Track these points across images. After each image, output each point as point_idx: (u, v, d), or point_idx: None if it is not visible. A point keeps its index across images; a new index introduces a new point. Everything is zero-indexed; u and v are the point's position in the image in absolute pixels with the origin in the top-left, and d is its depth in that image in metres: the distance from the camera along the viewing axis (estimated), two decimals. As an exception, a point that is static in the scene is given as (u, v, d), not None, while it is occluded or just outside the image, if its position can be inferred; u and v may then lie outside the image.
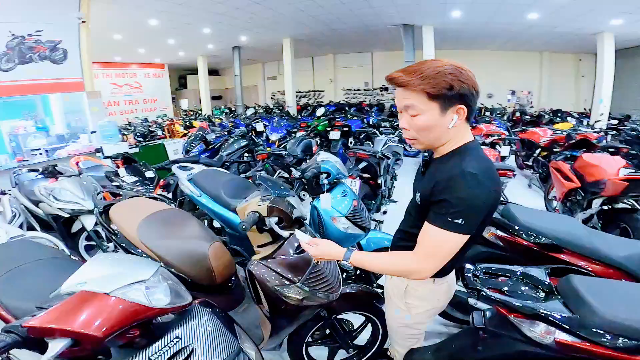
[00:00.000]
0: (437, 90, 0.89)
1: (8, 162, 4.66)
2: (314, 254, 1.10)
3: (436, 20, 8.45)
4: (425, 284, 1.11)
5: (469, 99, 0.92)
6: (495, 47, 11.62)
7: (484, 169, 0.92)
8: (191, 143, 5.88)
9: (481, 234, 1.09)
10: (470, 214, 0.89)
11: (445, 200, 0.90)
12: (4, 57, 4.71)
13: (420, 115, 0.93)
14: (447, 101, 0.91)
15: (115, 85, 13.82)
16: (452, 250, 0.94)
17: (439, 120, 0.93)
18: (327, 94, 15.44)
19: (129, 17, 7.75)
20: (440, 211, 0.91)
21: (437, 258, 0.94)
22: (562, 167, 3.55)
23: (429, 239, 0.94)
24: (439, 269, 0.99)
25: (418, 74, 0.89)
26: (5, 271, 1.40)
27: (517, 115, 9.83)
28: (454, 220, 0.89)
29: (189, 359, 0.90)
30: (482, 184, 0.89)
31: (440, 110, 0.92)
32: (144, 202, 2.14)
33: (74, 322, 0.75)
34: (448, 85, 0.88)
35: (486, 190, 0.90)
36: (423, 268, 0.95)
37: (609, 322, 0.89)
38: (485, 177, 0.91)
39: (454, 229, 0.90)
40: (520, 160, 6.00)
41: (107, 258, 0.95)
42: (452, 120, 0.93)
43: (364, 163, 3.42)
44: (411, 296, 1.15)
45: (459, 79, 0.89)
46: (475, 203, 0.89)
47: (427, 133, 0.96)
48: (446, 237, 0.91)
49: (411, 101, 0.93)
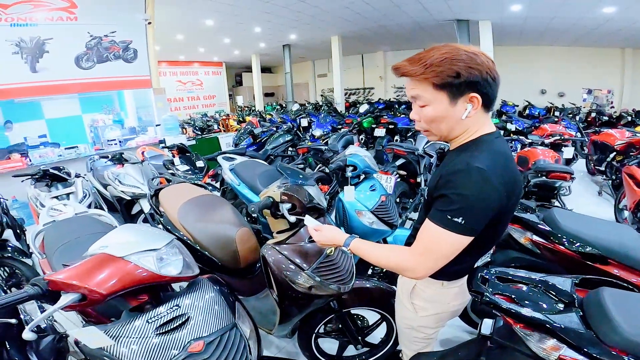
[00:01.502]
0: (442, 79, 0.82)
1: (87, 150, 5.34)
2: (317, 238, 1.09)
3: (493, 15, 7.84)
4: (433, 285, 1.04)
5: (482, 86, 0.82)
6: (567, 43, 10.42)
7: (496, 164, 0.83)
8: (240, 137, 6.20)
9: (498, 238, 0.99)
10: (472, 213, 0.80)
11: (445, 195, 0.83)
12: (84, 56, 5.32)
13: (428, 106, 0.87)
14: (456, 90, 0.83)
15: (180, 83, 14.99)
16: (450, 252, 0.85)
17: (449, 110, 0.85)
18: (377, 91, 15.18)
19: (187, 17, 8.33)
20: (440, 207, 0.84)
21: (432, 258, 0.86)
22: (635, 173, 3.11)
23: (426, 235, 0.87)
24: (446, 271, 0.92)
25: (422, 62, 0.83)
26: (66, 241, 1.64)
27: (592, 116, 8.74)
28: (453, 218, 0.81)
29: (183, 325, 0.98)
30: (489, 181, 0.80)
31: (450, 100, 0.84)
32: (187, 188, 2.33)
33: (85, 279, 0.86)
34: (454, 72, 0.80)
35: (493, 188, 0.80)
36: (416, 266, 0.88)
37: (631, 342, 0.76)
38: (495, 173, 0.81)
39: (453, 228, 0.82)
40: (591, 164, 5.36)
41: (130, 228, 1.07)
42: (466, 110, 0.84)
43: (402, 160, 3.32)
44: (418, 297, 1.09)
45: (468, 65, 0.80)
46: (478, 202, 0.80)
47: (437, 124, 0.89)
48: (444, 236, 0.83)
49: (417, 91, 0.87)
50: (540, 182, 2.98)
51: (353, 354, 1.76)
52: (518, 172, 0.91)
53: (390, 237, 2.12)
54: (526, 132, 6.11)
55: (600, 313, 0.83)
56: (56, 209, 2.08)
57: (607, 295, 0.87)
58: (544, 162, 3.20)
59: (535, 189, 3.05)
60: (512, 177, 0.87)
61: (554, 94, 11.51)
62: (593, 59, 10.70)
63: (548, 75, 11.44)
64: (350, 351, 1.75)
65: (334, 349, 1.78)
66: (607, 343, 0.78)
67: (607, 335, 0.79)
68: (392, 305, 1.60)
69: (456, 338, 1.94)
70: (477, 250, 0.95)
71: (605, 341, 0.79)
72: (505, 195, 0.84)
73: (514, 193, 0.88)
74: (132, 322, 0.95)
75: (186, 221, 1.90)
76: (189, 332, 0.97)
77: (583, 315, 0.85)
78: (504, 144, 0.92)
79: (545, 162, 3.22)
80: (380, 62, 14.57)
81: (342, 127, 7.04)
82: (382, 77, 14.77)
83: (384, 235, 2.07)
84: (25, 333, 0.85)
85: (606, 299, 0.85)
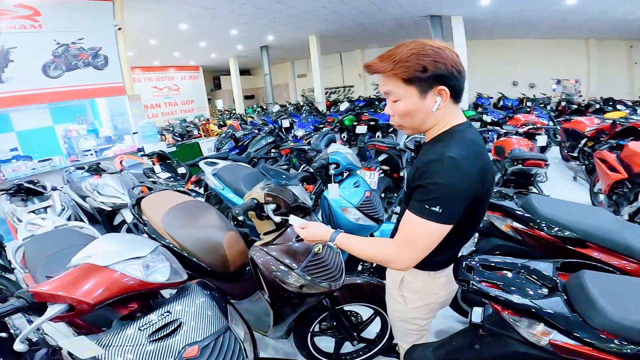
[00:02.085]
0: (410, 74, 0.85)
1: (62, 162, 5.14)
2: (303, 235, 1.10)
3: (464, 9, 8.06)
4: (420, 276, 1.06)
5: (449, 79, 0.86)
6: (536, 36, 10.84)
7: (468, 152, 0.86)
8: (222, 141, 6.13)
9: (477, 225, 1.02)
10: (449, 201, 0.84)
11: (422, 186, 0.86)
12: (51, 64, 5.12)
13: (400, 101, 0.91)
14: (425, 84, 0.86)
15: (156, 89, 14.66)
16: (431, 241, 0.88)
17: (419, 104, 0.89)
18: (357, 89, 15.30)
19: (160, 22, 8.15)
20: (418, 198, 0.87)
21: (414, 248, 0.89)
22: (607, 157, 3.26)
23: (406, 226, 0.89)
24: (431, 262, 0.96)
25: (392, 58, 0.86)
26: (48, 254, 1.59)
27: (562, 105, 9.11)
28: (431, 207, 0.84)
29: (176, 331, 0.97)
30: (462, 169, 0.83)
31: (419, 94, 0.88)
32: (170, 195, 2.28)
33: (71, 289, 0.85)
34: (421, 67, 0.84)
35: (466, 176, 0.84)
36: (399, 257, 0.90)
37: (615, 324, 0.79)
38: (468, 161, 0.84)
39: (432, 217, 0.84)
40: (564, 151, 5.58)
41: (113, 237, 1.05)
42: (436, 102, 0.88)
43: (385, 155, 3.37)
44: (406, 289, 1.10)
45: (433, 60, 0.84)
46: (453, 190, 0.83)
47: (410, 118, 0.92)
48: (424, 225, 0.85)
49: (389, 87, 0.90)
50: (517, 170, 3.08)
51: (350, 351, 1.78)
52: (489, 159, 0.95)
53: (377, 232, 2.15)
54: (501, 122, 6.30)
55: (583, 296, 0.86)
56: (34, 223, 2.01)
57: (588, 278, 0.90)
58: (519, 151, 3.31)
59: (513, 177, 3.15)
60: (484, 163, 0.90)
61: (525, 85, 11.94)
62: (560, 50, 11.17)
63: (519, 68, 11.85)
64: (347, 348, 1.77)
65: (330, 347, 1.79)
66: (593, 325, 0.81)
67: (592, 318, 0.82)
68: (384, 299, 1.64)
69: (449, 328, 1.99)
70: (458, 239, 0.99)
71: (590, 324, 0.81)
72: (479, 181, 0.87)
73: (487, 179, 0.92)
74: (124, 331, 0.94)
75: (171, 228, 1.87)
76: (182, 338, 0.97)
77: (567, 299, 0.88)
78: (475, 133, 0.95)
79: (520, 150, 3.34)
80: (358, 61, 14.68)
81: (324, 126, 7.07)
82: (361, 75, 14.90)
83: (371, 231, 2.09)
84: (16, 345, 0.84)
85: (588, 282, 0.88)
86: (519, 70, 11.92)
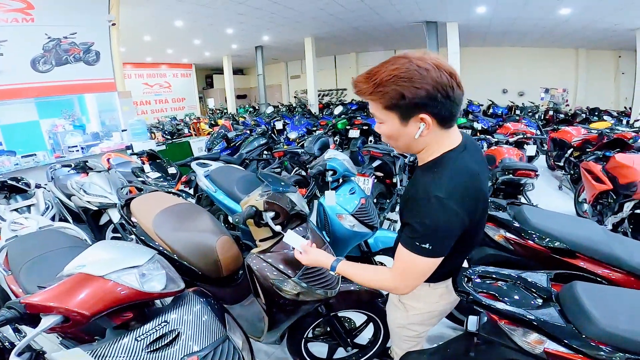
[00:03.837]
0: (387, 101, 0.81)
1: (47, 158, 5.00)
2: (304, 262, 1.11)
3: (460, 16, 8.18)
4: (421, 286, 1.05)
5: (431, 106, 0.79)
6: (527, 44, 11.09)
7: (456, 186, 0.84)
8: (213, 141, 6.06)
9: (476, 244, 1.05)
10: (437, 238, 0.84)
11: (410, 224, 0.86)
12: (41, 59, 5.00)
13: (382, 124, 0.87)
14: (405, 111, 0.81)
15: (147, 85, 14.43)
16: (425, 271, 0.90)
17: (401, 130, 0.85)
18: (350, 92, 15.35)
19: (156, 19, 8.05)
20: (408, 234, 0.88)
21: (410, 278, 0.91)
22: (593, 168, 3.35)
23: (401, 259, 0.91)
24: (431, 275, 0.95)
25: (373, 80, 0.81)
26: (32, 257, 1.54)
27: (550, 114, 9.34)
28: (421, 245, 0.84)
29: (174, 341, 0.95)
30: (448, 208, 0.82)
31: (401, 121, 0.83)
32: (161, 197, 2.24)
33: (66, 300, 0.82)
34: (398, 94, 0.78)
35: (453, 214, 0.83)
36: (398, 286, 0.94)
37: (607, 333, 0.82)
38: (454, 197, 0.83)
39: (422, 252, 0.85)
40: (551, 160, 5.71)
41: (108, 244, 1.02)
42: (419, 129, 0.83)
43: (379, 161, 3.39)
44: (407, 297, 1.12)
45: (413, 86, 0.77)
46: (440, 228, 0.83)
47: (394, 142, 0.90)
48: (416, 260, 0.87)
49: (372, 109, 0.87)
50: (507, 180, 3.14)
51: (343, 356, 1.78)
52: (482, 186, 0.92)
53: (371, 239, 2.16)
54: (491, 130, 6.42)
55: (576, 307, 0.89)
56: (18, 222, 1.94)
57: (581, 289, 0.93)
58: (510, 161, 3.37)
59: (503, 186, 3.21)
60: (475, 195, 0.88)
61: (514, 93, 12.21)
62: (550, 59, 11.45)
63: (509, 75, 12.12)
64: (340, 353, 1.77)
65: (323, 352, 1.78)
66: (586, 335, 0.84)
67: (584, 328, 0.85)
68: (378, 306, 1.65)
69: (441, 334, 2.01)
70: (457, 255, 1.00)
71: (584, 333, 0.84)
72: (467, 215, 0.86)
73: (478, 209, 0.91)
74: (120, 341, 0.91)
75: (162, 231, 1.83)
76: (181, 348, 0.95)
77: (561, 310, 0.91)
78: (468, 159, 0.90)
79: (511, 160, 3.40)
80: (352, 64, 14.76)
81: (317, 129, 7.06)
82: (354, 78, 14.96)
83: (365, 237, 2.10)
84: (12, 358, 0.81)
85: (580, 293, 0.91)
86: (509, 78, 12.18)
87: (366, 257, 2.18)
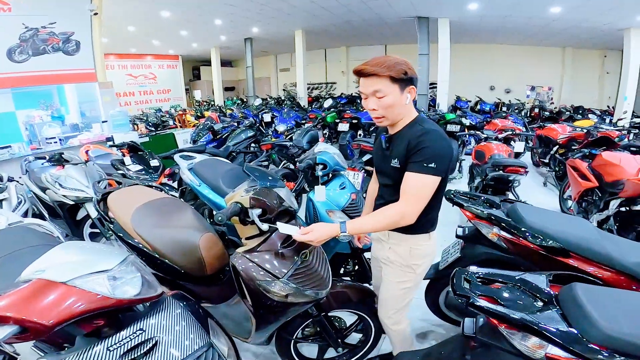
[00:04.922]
0: (398, 75, 1.15)
1: (22, 150, 4.76)
2: (312, 239, 1.14)
3: (452, 13, 8.16)
4: (424, 240, 1.32)
5: (415, 82, 1.20)
6: (516, 42, 11.18)
7: (440, 130, 1.21)
8: (199, 133, 5.90)
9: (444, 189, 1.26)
10: (440, 158, 1.14)
11: (418, 151, 1.14)
12: (17, 48, 4.80)
13: (387, 96, 1.18)
14: (403, 84, 1.17)
15: (131, 76, 14.02)
16: (428, 192, 1.16)
17: (400, 98, 1.19)
18: (339, 86, 15.25)
19: (141, 9, 7.76)
20: (416, 160, 1.15)
21: (419, 200, 1.15)
22: (579, 166, 3.38)
23: (410, 184, 1.16)
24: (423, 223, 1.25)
25: (382, 65, 1.14)
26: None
27: (535, 111, 9.48)
28: (428, 164, 1.13)
29: (152, 351, 0.87)
30: (444, 138, 1.18)
31: (400, 91, 1.18)
32: (141, 190, 2.13)
33: (23, 309, 0.72)
34: (404, 71, 1.16)
35: (447, 143, 1.18)
36: (410, 210, 1.15)
37: (609, 337, 0.80)
38: (444, 133, 1.20)
39: (429, 171, 1.13)
40: (536, 157, 5.79)
41: (74, 245, 0.92)
42: (407, 98, 1.20)
43: (369, 155, 3.33)
44: (415, 256, 1.33)
45: (409, 67, 1.17)
46: (441, 151, 1.15)
47: (392, 110, 1.20)
48: (423, 179, 1.14)
49: (379, 86, 1.17)
50: (497, 176, 3.14)
51: (333, 356, 1.73)
52: None
53: (361, 235, 2.10)
54: (479, 126, 6.46)
55: (577, 310, 0.85)
56: (-14, 218, 1.79)
57: (580, 291, 0.90)
58: (499, 157, 3.37)
59: (492, 182, 3.21)
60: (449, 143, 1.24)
61: (501, 90, 12.34)
62: (538, 57, 11.59)
63: (497, 72, 12.22)
64: (330, 353, 1.72)
65: (313, 352, 1.73)
66: (587, 338, 0.81)
67: (586, 331, 0.82)
68: (369, 304, 1.60)
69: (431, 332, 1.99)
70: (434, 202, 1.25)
71: (586, 337, 0.81)
72: (452, 148, 1.17)
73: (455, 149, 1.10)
74: (90, 350, 0.83)
75: (142, 228, 1.73)
76: (159, 358, 0.87)
77: (562, 313, 0.87)
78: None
79: (500, 156, 3.40)
80: (342, 57, 14.62)
81: (306, 122, 6.97)
82: (344, 72, 14.84)
83: (356, 234, 2.04)
84: None
85: (580, 295, 0.88)
86: (497, 75, 12.29)
87: (356, 254, 2.13)
